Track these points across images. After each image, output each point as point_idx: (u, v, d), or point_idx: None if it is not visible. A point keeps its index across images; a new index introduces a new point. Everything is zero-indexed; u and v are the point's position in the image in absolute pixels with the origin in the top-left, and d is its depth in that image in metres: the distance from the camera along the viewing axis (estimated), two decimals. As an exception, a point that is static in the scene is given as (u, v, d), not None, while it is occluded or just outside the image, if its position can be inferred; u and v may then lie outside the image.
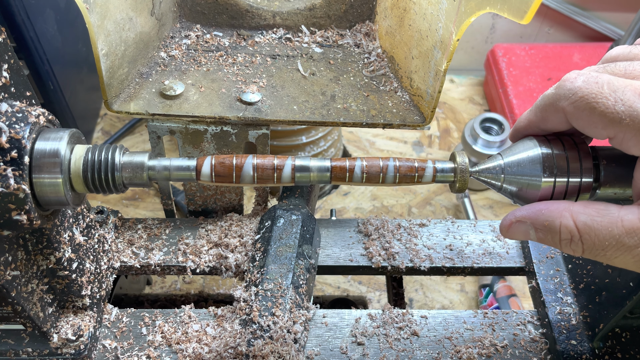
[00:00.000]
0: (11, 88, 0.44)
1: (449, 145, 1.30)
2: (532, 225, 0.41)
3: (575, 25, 1.39)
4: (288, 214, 0.69)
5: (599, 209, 0.38)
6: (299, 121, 0.66)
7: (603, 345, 0.62)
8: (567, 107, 0.38)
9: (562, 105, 0.39)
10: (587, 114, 0.37)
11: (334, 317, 0.65)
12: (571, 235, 0.38)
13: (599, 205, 0.38)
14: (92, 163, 0.43)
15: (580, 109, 0.37)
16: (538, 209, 0.40)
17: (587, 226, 0.38)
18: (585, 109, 0.37)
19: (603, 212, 0.38)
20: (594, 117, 0.37)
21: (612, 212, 0.37)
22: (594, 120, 0.37)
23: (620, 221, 0.37)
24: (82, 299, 0.58)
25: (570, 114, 0.38)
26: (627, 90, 0.36)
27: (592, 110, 0.37)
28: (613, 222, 0.37)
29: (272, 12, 0.76)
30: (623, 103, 0.36)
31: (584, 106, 0.37)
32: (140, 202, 1.14)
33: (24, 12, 0.86)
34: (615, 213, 0.37)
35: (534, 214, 0.40)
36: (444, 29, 0.58)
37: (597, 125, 0.37)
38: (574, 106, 0.38)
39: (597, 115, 0.37)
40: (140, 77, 0.68)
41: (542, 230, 0.40)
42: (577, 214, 0.38)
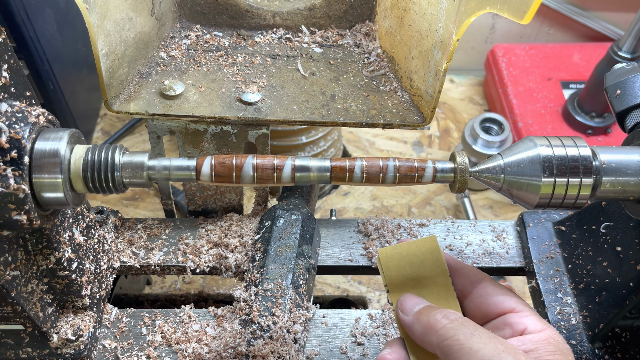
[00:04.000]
0: (11, 88, 0.44)
1: (449, 145, 1.30)
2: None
3: (575, 25, 1.39)
4: (288, 214, 0.69)
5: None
6: (299, 121, 0.66)
7: (603, 345, 0.62)
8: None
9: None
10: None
11: (334, 317, 0.65)
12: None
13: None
14: (92, 163, 0.43)
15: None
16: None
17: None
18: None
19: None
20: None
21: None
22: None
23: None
24: (82, 299, 0.58)
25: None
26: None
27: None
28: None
29: (272, 12, 0.76)
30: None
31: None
32: (140, 202, 1.14)
33: (24, 12, 0.86)
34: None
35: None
36: (444, 29, 0.58)
37: None
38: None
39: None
40: (140, 77, 0.68)
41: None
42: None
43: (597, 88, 1.16)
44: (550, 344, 0.42)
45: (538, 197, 0.43)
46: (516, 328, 0.43)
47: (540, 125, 1.23)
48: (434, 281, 0.48)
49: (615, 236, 0.60)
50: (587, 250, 0.64)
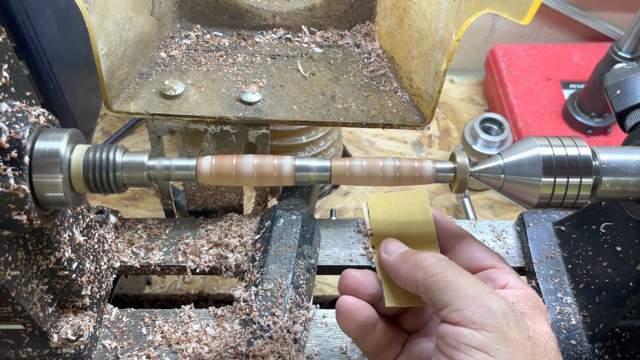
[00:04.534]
0: (11, 88, 0.44)
1: (448, 145, 1.30)
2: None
3: (575, 26, 1.39)
4: (288, 214, 0.69)
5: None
6: (299, 121, 0.66)
7: (603, 345, 0.62)
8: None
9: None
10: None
11: (334, 317, 0.65)
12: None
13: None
14: (92, 163, 0.43)
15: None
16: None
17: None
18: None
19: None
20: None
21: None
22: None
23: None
24: (82, 299, 0.58)
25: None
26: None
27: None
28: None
29: (272, 12, 0.76)
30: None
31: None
32: (140, 202, 1.14)
33: (24, 12, 0.86)
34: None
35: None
36: (444, 29, 0.58)
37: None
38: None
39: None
40: (140, 77, 0.68)
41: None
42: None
43: (597, 88, 1.16)
44: (530, 300, 0.42)
45: (538, 197, 0.43)
46: (498, 282, 0.44)
47: (540, 125, 1.23)
48: (419, 232, 0.48)
49: (615, 236, 0.60)
50: (587, 250, 0.64)
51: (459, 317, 0.37)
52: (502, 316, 0.37)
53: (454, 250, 0.47)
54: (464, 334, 0.36)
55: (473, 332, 0.36)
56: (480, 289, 0.38)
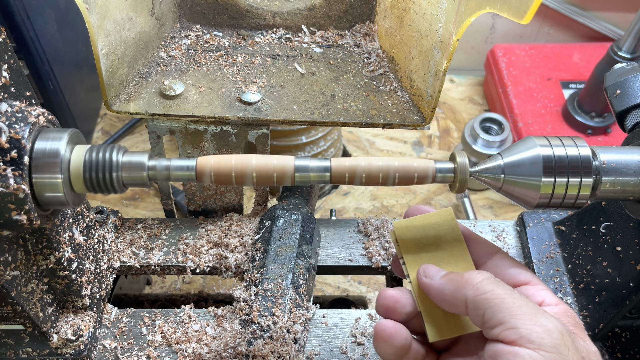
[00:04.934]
0: (11, 88, 0.44)
1: (448, 145, 1.30)
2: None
3: (575, 25, 1.39)
4: (288, 214, 0.69)
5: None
6: (299, 121, 0.66)
7: (603, 345, 0.62)
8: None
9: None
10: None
11: (334, 317, 0.65)
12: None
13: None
14: (91, 163, 0.43)
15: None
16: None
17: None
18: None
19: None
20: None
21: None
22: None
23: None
24: (82, 299, 0.58)
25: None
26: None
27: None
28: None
29: (272, 12, 0.76)
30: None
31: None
32: (140, 202, 1.14)
33: (24, 12, 0.86)
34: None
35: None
36: (444, 29, 0.58)
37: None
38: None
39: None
40: (140, 77, 0.68)
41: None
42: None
43: (597, 88, 1.16)
44: (569, 316, 0.42)
45: (538, 197, 0.43)
46: (533, 300, 0.42)
47: (540, 125, 1.23)
48: (451, 252, 0.47)
49: (615, 236, 0.60)
50: (587, 250, 0.64)
51: (515, 336, 0.36)
52: (560, 336, 0.36)
53: (485, 266, 0.46)
54: (522, 354, 0.35)
55: (531, 352, 0.35)
56: (534, 307, 0.38)
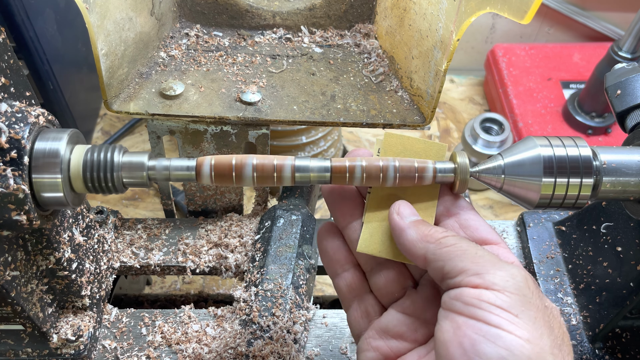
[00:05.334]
0: (11, 88, 0.44)
1: (449, 145, 1.30)
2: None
3: (575, 25, 1.39)
4: (288, 214, 0.69)
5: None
6: (299, 121, 0.66)
7: (603, 346, 0.62)
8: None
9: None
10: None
11: (334, 317, 0.65)
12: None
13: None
14: (91, 163, 0.43)
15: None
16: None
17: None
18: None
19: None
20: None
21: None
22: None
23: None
24: (82, 299, 0.58)
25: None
26: None
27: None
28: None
29: (272, 12, 0.76)
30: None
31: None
32: (140, 202, 1.14)
33: (23, 12, 0.86)
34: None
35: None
36: (444, 29, 0.58)
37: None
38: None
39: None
40: (140, 77, 0.68)
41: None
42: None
43: (598, 88, 1.16)
44: (532, 280, 0.42)
45: (538, 197, 0.43)
46: (503, 259, 0.43)
47: (540, 125, 1.23)
48: (421, 191, 0.47)
49: (615, 236, 0.60)
50: (588, 251, 0.64)
51: (479, 280, 0.37)
52: (523, 280, 0.37)
53: (458, 217, 0.46)
54: (487, 295, 0.36)
55: (497, 292, 0.36)
56: (496, 258, 0.38)
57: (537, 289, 0.38)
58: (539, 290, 0.39)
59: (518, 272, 0.37)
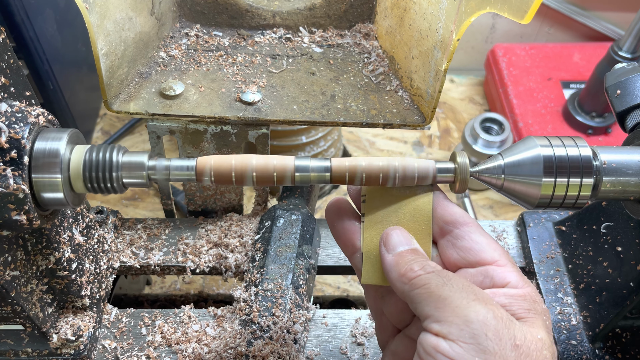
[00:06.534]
0: (11, 88, 0.44)
1: (449, 145, 1.30)
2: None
3: (575, 25, 1.39)
4: (288, 214, 0.69)
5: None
6: (299, 121, 0.66)
7: (603, 346, 0.62)
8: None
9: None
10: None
11: (334, 317, 0.65)
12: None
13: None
14: (91, 163, 0.43)
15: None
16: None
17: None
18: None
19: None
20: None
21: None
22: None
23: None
24: (82, 299, 0.58)
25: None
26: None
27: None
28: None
29: (272, 12, 0.76)
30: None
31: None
32: (139, 202, 1.14)
33: (23, 11, 0.86)
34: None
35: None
36: (444, 28, 0.58)
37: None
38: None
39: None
40: (140, 77, 0.68)
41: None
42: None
43: (598, 88, 1.16)
44: (525, 301, 0.41)
45: (538, 197, 0.43)
46: (497, 281, 0.42)
47: (540, 125, 1.23)
48: (414, 212, 0.46)
49: (615, 236, 0.60)
50: (588, 251, 0.64)
51: (438, 328, 0.37)
52: (480, 327, 0.36)
53: (452, 235, 0.44)
54: (442, 346, 0.37)
55: (451, 343, 0.36)
56: (462, 297, 0.38)
57: (503, 328, 0.37)
58: (521, 322, 0.39)
59: (476, 317, 0.37)
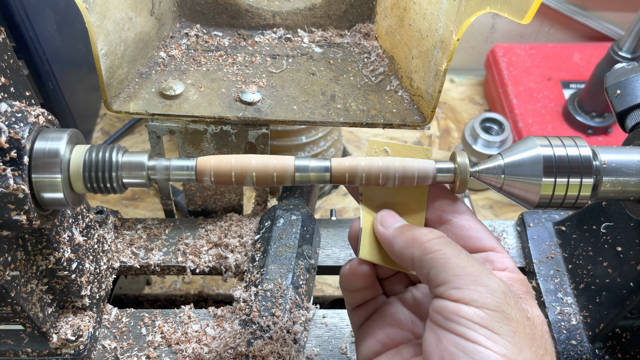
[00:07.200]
0: (11, 88, 0.44)
1: (449, 145, 1.30)
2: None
3: (575, 25, 1.39)
4: (288, 214, 0.69)
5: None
6: (299, 121, 0.66)
7: (603, 346, 0.62)
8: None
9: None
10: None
11: (334, 317, 0.65)
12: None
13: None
14: (91, 163, 0.43)
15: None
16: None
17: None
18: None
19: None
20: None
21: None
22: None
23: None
24: (82, 299, 0.58)
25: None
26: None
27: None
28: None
29: (272, 12, 0.76)
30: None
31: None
32: (139, 202, 1.14)
33: (23, 11, 0.86)
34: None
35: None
36: (444, 28, 0.58)
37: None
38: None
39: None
40: (140, 77, 0.68)
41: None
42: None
43: (598, 88, 1.16)
44: (523, 285, 0.42)
45: (538, 197, 0.43)
46: (497, 265, 0.43)
47: (540, 125, 1.23)
48: (411, 195, 0.46)
49: (615, 236, 0.60)
50: (588, 251, 0.64)
51: (459, 295, 0.37)
52: (503, 296, 0.37)
53: (451, 224, 0.46)
54: (466, 311, 0.36)
55: (475, 309, 0.36)
56: (479, 268, 0.38)
57: (519, 300, 0.39)
58: (522, 301, 0.39)
59: (498, 287, 0.37)
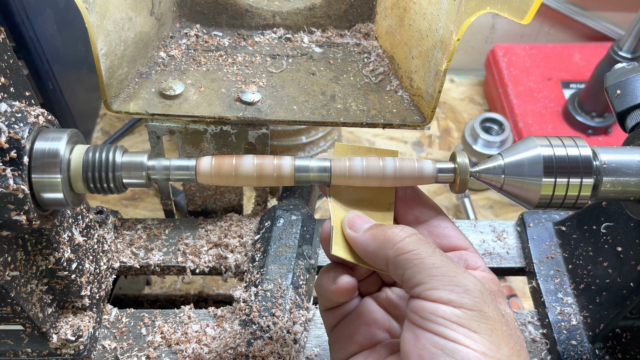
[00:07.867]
0: (10, 88, 0.44)
1: (449, 145, 1.30)
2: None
3: (575, 25, 1.39)
4: (288, 214, 0.69)
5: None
6: (299, 121, 0.66)
7: (603, 346, 0.62)
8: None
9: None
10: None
11: (334, 318, 0.65)
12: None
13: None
14: (91, 163, 0.43)
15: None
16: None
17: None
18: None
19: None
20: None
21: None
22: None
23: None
24: (82, 300, 0.58)
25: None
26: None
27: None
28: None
29: (272, 12, 0.76)
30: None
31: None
32: (139, 202, 1.14)
33: (23, 11, 0.86)
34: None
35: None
36: (444, 28, 0.58)
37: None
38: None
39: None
40: (140, 77, 0.68)
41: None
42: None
43: (598, 88, 1.16)
44: (494, 284, 0.43)
45: (538, 198, 0.43)
46: (471, 264, 0.44)
47: (540, 125, 1.23)
48: (378, 194, 0.46)
49: (615, 236, 0.60)
50: (588, 251, 0.64)
51: (437, 295, 0.37)
52: (480, 295, 0.37)
53: (428, 224, 0.46)
54: (444, 310, 0.36)
55: (452, 309, 0.36)
56: (454, 268, 0.38)
57: (494, 297, 0.39)
58: (497, 299, 0.40)
59: (474, 286, 0.37)
